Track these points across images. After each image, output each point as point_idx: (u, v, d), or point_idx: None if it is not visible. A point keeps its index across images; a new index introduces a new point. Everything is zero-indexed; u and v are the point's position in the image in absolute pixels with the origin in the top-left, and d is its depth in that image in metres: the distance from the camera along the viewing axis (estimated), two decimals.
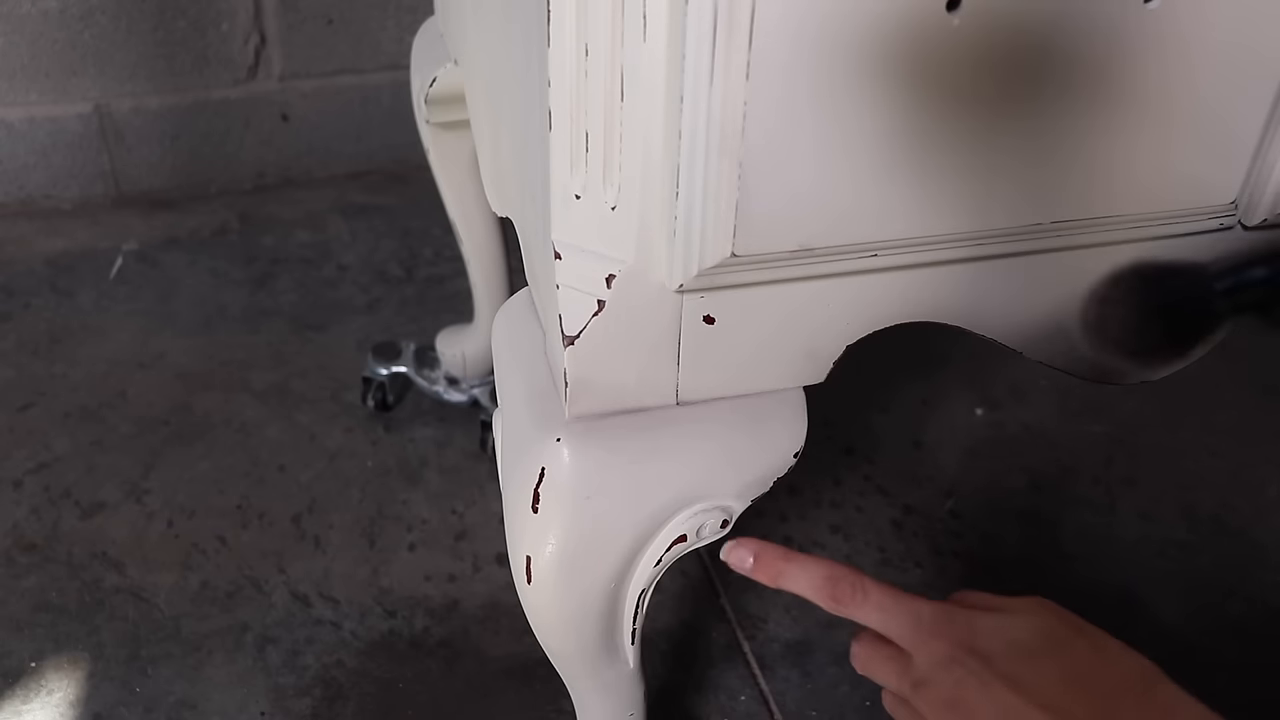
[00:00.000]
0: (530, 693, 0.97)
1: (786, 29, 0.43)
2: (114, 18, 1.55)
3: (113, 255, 1.54)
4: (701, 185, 0.46)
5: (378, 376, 1.26)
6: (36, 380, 1.31)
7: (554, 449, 0.54)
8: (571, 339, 0.51)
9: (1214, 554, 1.15)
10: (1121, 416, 1.32)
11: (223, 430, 1.25)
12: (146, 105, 1.63)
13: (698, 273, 0.48)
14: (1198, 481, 1.23)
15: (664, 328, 0.52)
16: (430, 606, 1.05)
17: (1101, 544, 1.15)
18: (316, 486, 1.18)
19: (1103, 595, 1.09)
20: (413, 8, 1.66)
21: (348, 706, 0.96)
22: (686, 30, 0.43)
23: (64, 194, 1.65)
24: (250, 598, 1.05)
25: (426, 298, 1.49)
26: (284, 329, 1.41)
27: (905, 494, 1.20)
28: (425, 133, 1.04)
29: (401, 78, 1.70)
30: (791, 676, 1.00)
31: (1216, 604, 1.09)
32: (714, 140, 0.45)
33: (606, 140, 0.47)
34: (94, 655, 0.99)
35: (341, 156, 1.76)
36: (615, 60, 0.45)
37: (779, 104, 0.45)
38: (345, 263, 1.55)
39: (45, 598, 1.04)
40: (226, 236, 1.60)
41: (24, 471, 1.18)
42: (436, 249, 1.58)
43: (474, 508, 1.16)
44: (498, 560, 1.10)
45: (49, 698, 0.96)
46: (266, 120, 1.69)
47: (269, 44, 1.64)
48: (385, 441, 1.24)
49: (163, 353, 1.36)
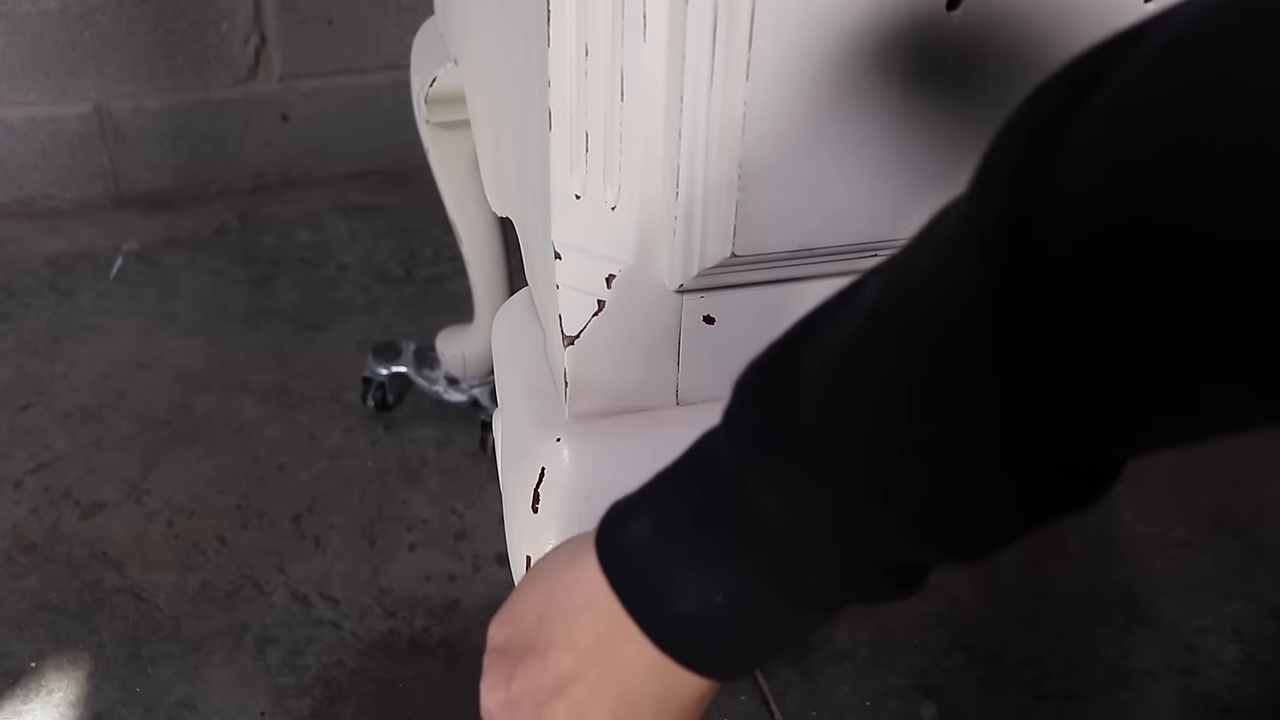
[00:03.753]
0: None
1: (786, 29, 0.43)
2: (114, 18, 1.55)
3: (113, 255, 1.54)
4: (701, 185, 0.46)
5: (378, 376, 1.26)
6: (36, 380, 1.31)
7: (554, 449, 0.54)
8: (572, 339, 0.51)
9: (1214, 554, 1.15)
10: None
11: (223, 430, 1.25)
12: (146, 105, 1.63)
13: (698, 273, 0.48)
14: (1198, 481, 1.23)
15: (664, 328, 0.52)
16: (430, 606, 1.05)
17: (1101, 544, 1.15)
18: (316, 486, 1.18)
19: (1103, 595, 1.09)
20: (413, 8, 1.66)
21: (348, 706, 0.96)
22: (686, 30, 0.43)
23: (64, 194, 1.65)
24: (250, 598, 1.05)
25: (426, 298, 1.49)
26: (284, 329, 1.41)
27: None
28: (425, 133, 1.04)
29: (402, 78, 1.70)
30: (791, 676, 1.00)
31: (1216, 604, 1.09)
32: (714, 140, 0.45)
33: (606, 140, 0.47)
34: (94, 655, 0.99)
35: (341, 156, 1.76)
36: (615, 60, 0.45)
37: (779, 104, 0.45)
38: (345, 263, 1.55)
39: (45, 598, 1.04)
40: (226, 236, 1.60)
41: (24, 471, 1.18)
42: (437, 249, 1.58)
43: (474, 508, 1.16)
44: (498, 560, 1.10)
45: (49, 697, 0.96)
46: (267, 120, 1.69)
47: (269, 44, 1.64)
48: (385, 441, 1.24)
49: (163, 353, 1.36)
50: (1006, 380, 0.30)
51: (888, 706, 0.99)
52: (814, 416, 0.35)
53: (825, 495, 0.35)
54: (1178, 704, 1.00)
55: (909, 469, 0.33)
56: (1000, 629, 1.06)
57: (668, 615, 0.39)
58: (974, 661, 1.03)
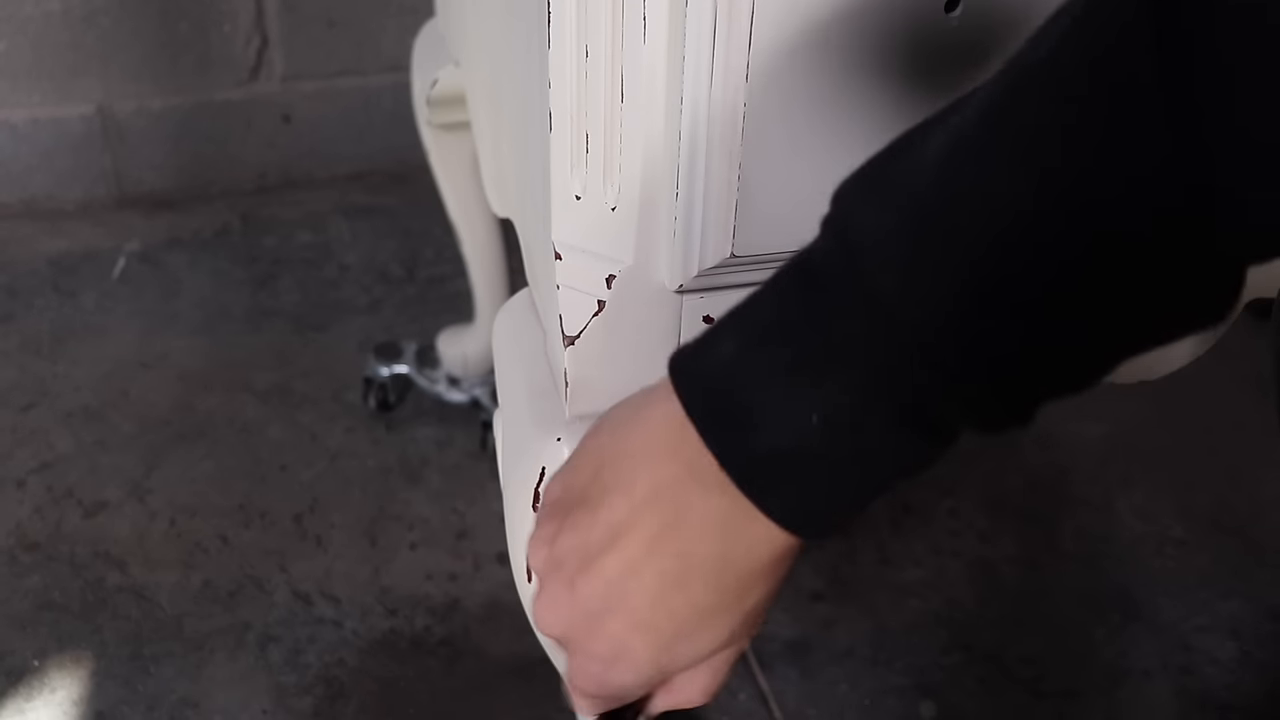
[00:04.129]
0: (531, 691, 0.98)
1: (786, 30, 0.43)
2: (117, 19, 1.56)
3: (115, 256, 1.55)
4: (702, 185, 0.46)
5: (379, 376, 1.26)
6: (39, 380, 1.31)
7: (554, 449, 0.55)
8: (572, 339, 0.51)
9: (1211, 553, 1.15)
10: (1120, 416, 1.32)
11: (225, 430, 1.25)
12: (149, 106, 1.63)
13: (697, 273, 0.49)
14: (1195, 481, 1.24)
15: (664, 328, 0.52)
16: (431, 605, 1.05)
17: (1100, 543, 1.16)
18: (318, 486, 1.18)
19: (1101, 594, 1.09)
20: (414, 9, 1.67)
21: (349, 705, 0.96)
22: (686, 31, 0.43)
23: (67, 195, 1.66)
24: (252, 597, 1.06)
25: (428, 298, 1.49)
26: (286, 329, 1.42)
27: (904, 494, 1.20)
28: (426, 134, 1.04)
29: (403, 79, 1.70)
30: (790, 675, 1.00)
31: (1214, 603, 1.09)
32: (714, 140, 0.45)
33: (607, 141, 0.47)
34: (96, 654, 1.00)
35: (343, 157, 1.76)
36: (615, 61, 0.45)
37: (779, 104, 0.45)
38: (347, 263, 1.55)
39: (48, 597, 1.05)
40: (228, 237, 1.61)
41: (27, 471, 1.19)
42: (437, 249, 1.59)
43: (475, 507, 1.16)
44: (498, 559, 1.10)
45: (52, 696, 0.96)
46: (268, 121, 1.70)
47: (271, 45, 1.64)
48: (386, 441, 1.24)
49: (165, 353, 1.37)
50: (1173, 125, 0.26)
51: (887, 705, 0.99)
52: (946, 188, 0.30)
53: (958, 271, 0.30)
54: (1175, 702, 1.01)
55: (1054, 239, 0.29)
56: (999, 628, 1.06)
57: (751, 443, 0.33)
58: (973, 660, 1.03)
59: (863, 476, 0.34)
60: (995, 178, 0.30)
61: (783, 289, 0.34)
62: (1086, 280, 0.29)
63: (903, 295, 0.30)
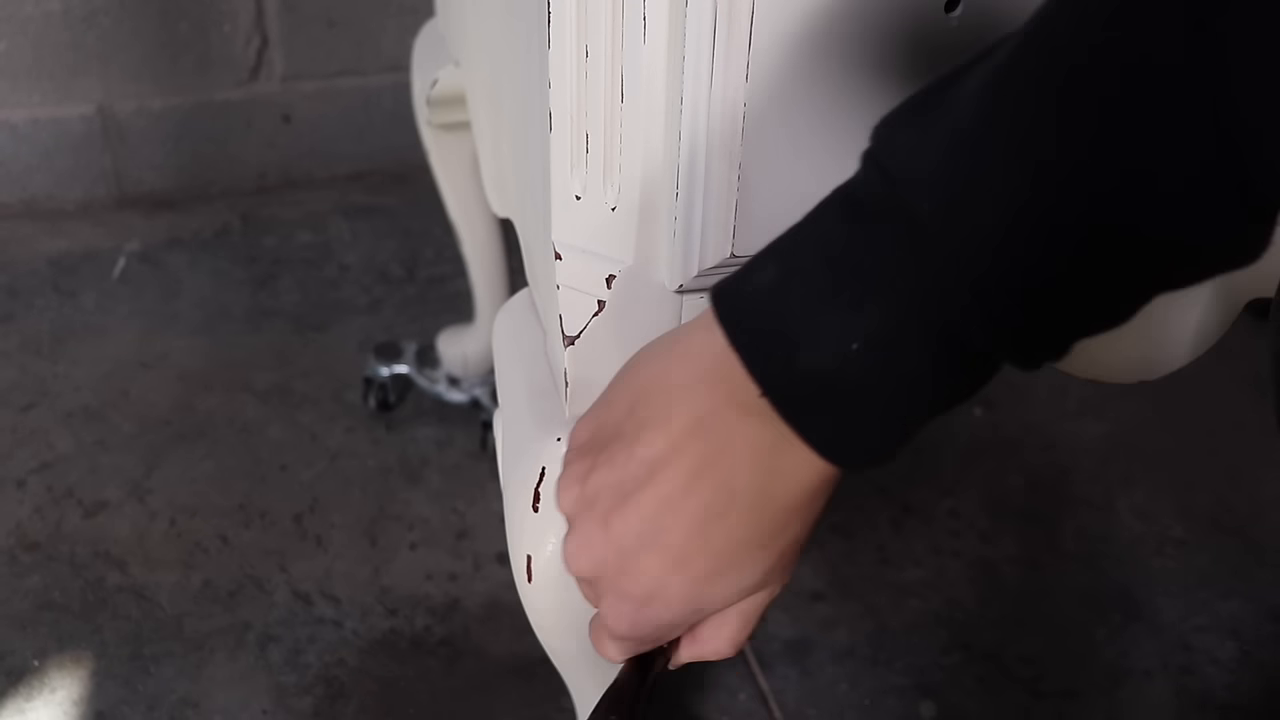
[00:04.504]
0: (531, 691, 0.98)
1: (785, 30, 0.43)
2: (117, 20, 1.56)
3: (115, 256, 1.55)
4: (701, 185, 0.46)
5: (379, 376, 1.26)
6: (39, 380, 1.32)
7: (555, 449, 0.55)
8: (572, 339, 0.51)
9: (1212, 553, 1.15)
10: (1120, 416, 1.32)
11: (225, 430, 1.25)
12: (149, 106, 1.63)
13: (698, 273, 0.49)
14: (1195, 481, 1.24)
15: (664, 328, 0.52)
16: (431, 605, 1.05)
17: (1100, 543, 1.16)
18: (318, 486, 1.18)
19: (1101, 594, 1.09)
20: (413, 9, 1.67)
21: (349, 705, 0.96)
22: (686, 31, 0.43)
23: (67, 195, 1.66)
24: (252, 596, 1.06)
25: (428, 298, 1.49)
26: (286, 329, 1.42)
27: (904, 493, 1.20)
28: (426, 134, 1.04)
29: (403, 79, 1.70)
30: (790, 674, 1.00)
31: (1213, 603, 1.09)
32: (714, 140, 0.45)
33: (607, 141, 0.47)
34: (97, 654, 1.00)
35: (343, 157, 1.76)
36: (615, 61, 0.45)
37: (779, 104, 0.45)
38: (347, 263, 1.55)
39: (48, 596, 1.05)
40: (228, 237, 1.61)
41: (27, 471, 1.19)
42: (437, 249, 1.59)
43: (475, 507, 1.16)
44: (498, 559, 1.10)
45: (52, 696, 0.96)
46: (268, 121, 1.70)
47: (271, 46, 1.64)
48: (386, 441, 1.24)
49: (165, 353, 1.37)
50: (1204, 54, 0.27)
51: (886, 705, 0.99)
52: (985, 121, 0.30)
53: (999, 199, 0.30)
54: (1175, 702, 1.01)
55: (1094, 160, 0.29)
56: (999, 628, 1.06)
57: (794, 369, 0.33)
58: (972, 660, 1.03)
59: (901, 404, 0.33)
60: (1036, 113, 0.30)
61: (824, 218, 0.34)
62: (1124, 215, 0.29)
63: (945, 221, 0.31)
